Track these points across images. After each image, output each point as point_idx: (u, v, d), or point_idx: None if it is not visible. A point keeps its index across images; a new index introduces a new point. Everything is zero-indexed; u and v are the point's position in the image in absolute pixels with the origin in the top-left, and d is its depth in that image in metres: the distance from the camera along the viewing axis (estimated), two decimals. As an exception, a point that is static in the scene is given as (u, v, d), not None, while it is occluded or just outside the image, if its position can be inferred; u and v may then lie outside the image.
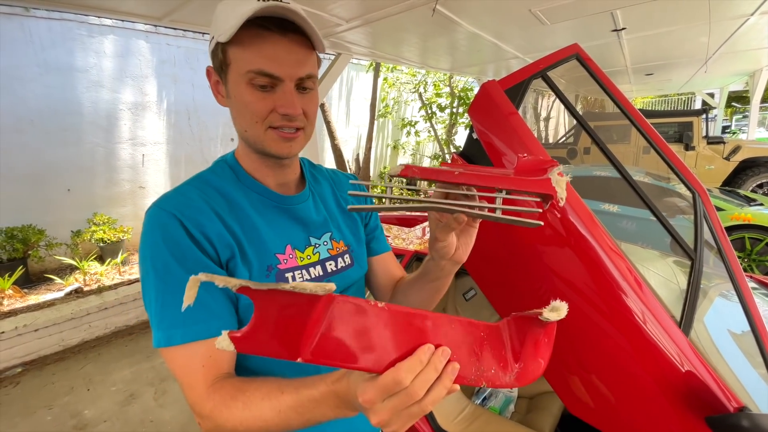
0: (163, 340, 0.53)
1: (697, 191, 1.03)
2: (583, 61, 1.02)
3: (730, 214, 3.79)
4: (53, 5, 1.97)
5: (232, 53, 0.57)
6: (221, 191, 0.63)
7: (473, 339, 0.42)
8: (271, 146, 0.61)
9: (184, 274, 0.54)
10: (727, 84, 8.73)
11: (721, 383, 0.85)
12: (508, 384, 0.41)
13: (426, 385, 0.38)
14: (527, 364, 0.42)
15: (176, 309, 0.53)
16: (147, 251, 0.56)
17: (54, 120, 4.48)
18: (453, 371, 0.39)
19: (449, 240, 0.59)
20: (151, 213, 0.57)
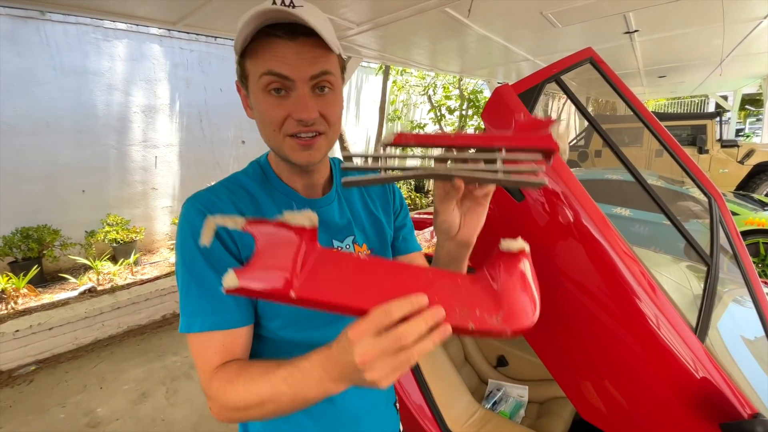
0: (184, 326, 0.58)
1: (713, 196, 1.01)
2: (597, 65, 1.02)
3: (744, 218, 3.73)
4: (72, 10, 2.02)
5: (248, 65, 0.59)
6: (250, 192, 0.65)
7: (456, 286, 0.43)
8: (291, 155, 0.61)
9: (207, 267, 0.58)
10: (741, 87, 8.59)
11: (735, 389, 0.84)
12: (498, 326, 0.40)
13: (415, 333, 0.38)
14: (512, 305, 0.41)
15: (198, 298, 0.58)
16: (179, 242, 0.60)
17: (69, 122, 4.58)
18: (444, 331, 0.40)
19: (451, 214, 0.55)
20: (186, 207, 0.61)
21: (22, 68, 4.22)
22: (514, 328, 0.40)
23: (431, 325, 0.39)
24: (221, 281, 0.51)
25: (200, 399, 2.53)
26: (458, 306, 0.41)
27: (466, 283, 0.44)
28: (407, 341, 0.38)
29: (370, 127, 8.44)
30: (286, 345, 0.65)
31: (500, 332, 0.41)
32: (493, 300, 0.42)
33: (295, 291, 0.41)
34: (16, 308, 3.49)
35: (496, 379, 1.93)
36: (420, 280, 0.43)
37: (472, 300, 0.42)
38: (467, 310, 0.41)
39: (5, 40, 4.11)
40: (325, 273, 0.43)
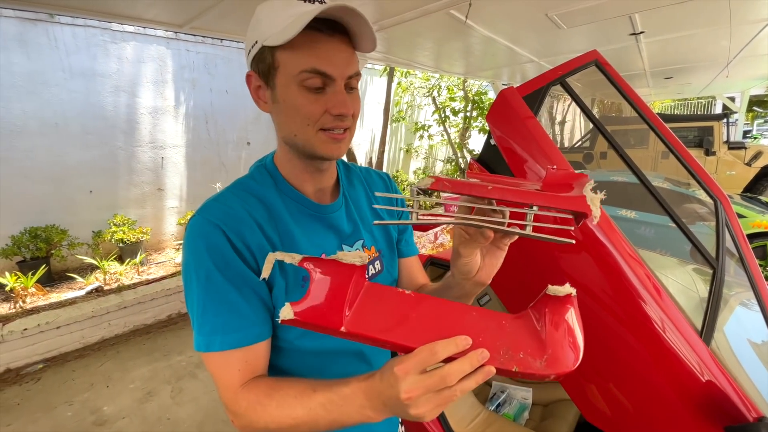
0: (203, 346, 0.56)
1: (719, 198, 1.01)
2: (602, 68, 1.02)
3: (751, 221, 3.69)
4: (81, 13, 2.05)
5: (282, 56, 0.56)
6: (262, 199, 0.64)
7: (501, 327, 0.44)
8: (322, 148, 0.61)
9: (226, 283, 0.56)
10: (748, 88, 8.50)
11: (741, 393, 0.84)
12: (541, 369, 0.41)
13: (459, 374, 0.40)
14: (556, 349, 0.41)
15: (216, 316, 0.56)
16: (191, 258, 0.57)
17: (77, 123, 4.63)
18: (488, 372, 0.41)
19: (473, 258, 0.56)
20: (195, 222, 0.59)
21: (31, 70, 4.27)
22: (558, 372, 0.41)
23: (475, 366, 0.41)
24: (243, 296, 0.57)
25: (205, 398, 2.55)
26: (503, 348, 0.42)
27: (511, 325, 0.44)
28: (451, 381, 0.40)
29: (375, 128, 8.45)
30: (302, 355, 0.65)
31: (543, 376, 0.41)
32: (538, 343, 0.42)
33: (345, 326, 0.44)
34: (25, 307, 3.53)
35: (500, 381, 1.93)
36: (465, 319, 0.44)
37: (517, 342, 0.42)
38: (512, 353, 0.42)
39: (15, 43, 4.17)
40: (373, 308, 0.45)
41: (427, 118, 9.24)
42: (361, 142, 8.37)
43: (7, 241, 4.10)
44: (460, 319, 0.44)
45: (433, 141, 9.13)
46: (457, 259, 0.57)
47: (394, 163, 9.20)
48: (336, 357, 0.68)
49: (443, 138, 9.04)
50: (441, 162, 9.96)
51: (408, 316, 0.44)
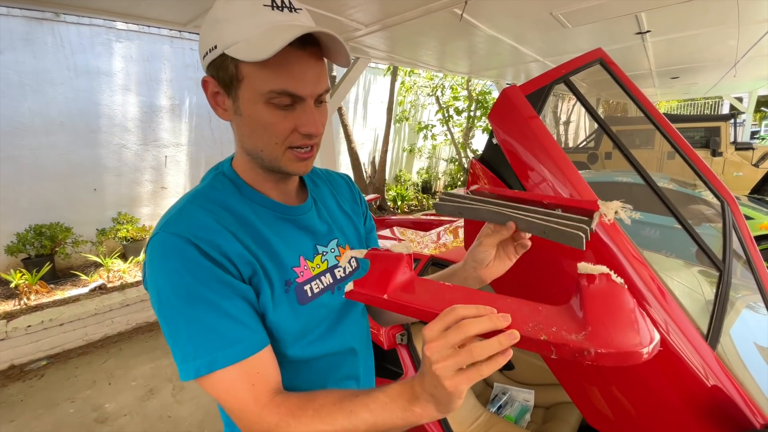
0: (204, 367, 0.50)
1: (726, 200, 0.99)
2: (607, 66, 1.00)
3: (758, 223, 3.65)
4: (86, 12, 2.05)
5: (248, 70, 0.52)
6: (228, 208, 0.59)
7: (536, 310, 0.42)
8: (289, 166, 0.59)
9: (213, 296, 0.52)
10: (756, 88, 8.42)
11: (747, 398, 0.82)
12: (576, 342, 0.37)
13: (479, 326, 0.40)
14: (597, 327, 0.38)
15: (211, 333, 0.51)
16: (164, 280, 0.52)
17: (82, 122, 4.65)
18: (510, 337, 0.39)
19: (490, 250, 0.62)
20: (161, 240, 0.53)
21: (37, 69, 4.30)
22: (600, 349, 0.36)
23: (497, 325, 0.40)
24: (235, 306, 0.54)
25: (206, 397, 2.55)
26: (533, 322, 0.40)
27: (547, 310, 0.42)
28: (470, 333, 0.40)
29: (378, 128, 8.45)
30: (295, 364, 0.63)
31: (580, 349, 0.36)
32: (578, 323, 0.39)
33: (388, 294, 0.49)
34: (29, 304, 3.55)
35: (501, 383, 1.92)
36: (497, 300, 0.44)
37: (553, 321, 0.40)
38: (542, 327, 0.39)
39: (21, 42, 4.20)
40: (414, 288, 0.51)
41: (431, 117, 9.23)
42: (365, 141, 8.37)
43: (13, 239, 4.14)
44: (493, 300, 0.45)
45: (436, 141, 9.11)
46: (478, 246, 0.63)
47: (397, 163, 9.19)
48: (325, 361, 0.67)
49: (446, 138, 9.02)
50: (444, 162, 9.94)
51: (443, 296, 0.47)
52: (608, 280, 0.43)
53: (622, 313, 0.39)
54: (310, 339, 0.64)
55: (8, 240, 4.15)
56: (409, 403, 0.45)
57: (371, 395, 0.48)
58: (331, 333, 0.67)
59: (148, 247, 0.54)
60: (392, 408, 0.46)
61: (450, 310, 0.42)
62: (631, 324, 0.38)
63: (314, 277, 0.64)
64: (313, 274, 0.65)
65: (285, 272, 0.61)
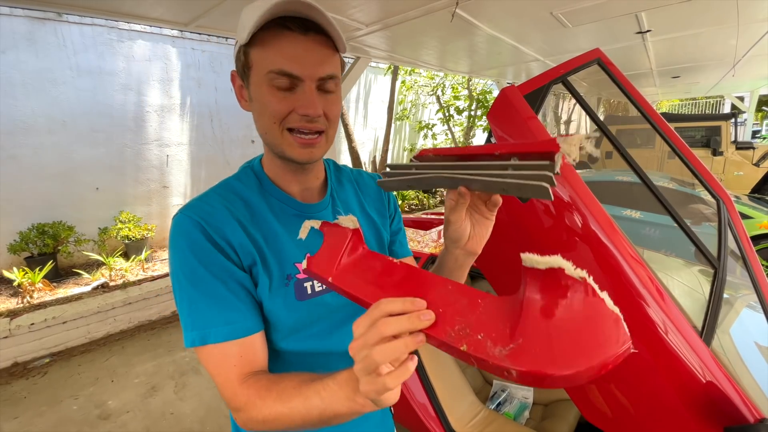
0: (198, 340, 0.56)
1: (722, 198, 1.00)
2: (604, 66, 1.01)
3: (759, 222, 3.65)
4: (89, 12, 2.07)
5: (254, 55, 0.57)
6: (245, 199, 0.64)
7: (474, 306, 0.38)
8: (289, 151, 0.60)
9: (212, 278, 0.57)
10: (758, 87, 8.40)
11: (742, 394, 0.83)
12: (497, 358, 0.32)
13: (395, 326, 0.38)
14: (528, 342, 0.32)
15: (208, 309, 0.56)
16: (175, 257, 0.58)
17: (84, 121, 4.67)
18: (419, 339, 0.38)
19: (462, 223, 0.58)
20: (177, 220, 0.59)
21: (39, 68, 4.32)
22: (522, 369, 0.30)
23: (414, 325, 0.38)
24: (230, 290, 0.58)
25: (208, 394, 2.57)
26: (461, 323, 0.36)
27: (487, 305, 0.38)
28: (383, 329, 0.37)
29: (379, 127, 8.45)
30: (288, 356, 0.65)
31: (500, 368, 0.31)
32: (510, 329, 0.33)
33: (332, 278, 0.48)
34: (32, 302, 3.57)
35: (501, 380, 1.93)
36: (438, 289, 0.41)
37: (482, 323, 0.35)
38: (469, 331, 0.35)
39: (24, 41, 4.21)
40: (361, 269, 0.49)
41: (431, 116, 9.23)
42: (365, 141, 8.38)
43: (15, 237, 4.16)
44: (433, 288, 0.42)
45: (437, 140, 9.11)
46: (448, 226, 0.59)
47: (397, 162, 9.19)
48: (320, 359, 0.67)
49: (447, 137, 9.02)
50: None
51: (387, 281, 0.46)
52: (561, 279, 0.34)
53: (565, 325, 0.32)
54: (307, 334, 0.65)
55: (11, 238, 4.17)
56: (353, 392, 0.44)
57: (324, 382, 0.48)
58: (330, 333, 0.67)
59: (171, 226, 0.61)
60: (339, 396, 0.46)
61: (376, 305, 0.40)
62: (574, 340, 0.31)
63: None
64: None
65: (286, 267, 0.63)
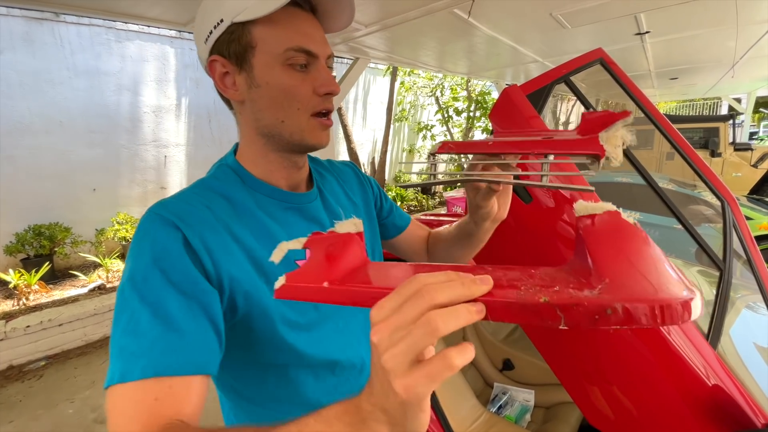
0: (117, 375, 0.41)
1: (727, 200, 1.00)
2: (607, 66, 1.00)
3: (758, 223, 3.66)
4: (86, 12, 2.05)
5: (261, 32, 0.51)
6: (227, 196, 0.56)
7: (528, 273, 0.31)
8: (312, 136, 0.56)
9: (167, 289, 0.44)
10: (755, 89, 8.43)
11: (748, 398, 0.82)
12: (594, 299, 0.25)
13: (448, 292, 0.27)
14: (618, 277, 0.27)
15: (146, 335, 0.42)
16: (131, 260, 0.47)
17: (81, 122, 4.65)
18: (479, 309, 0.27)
19: (491, 205, 0.61)
20: (146, 218, 0.49)
21: (36, 69, 4.29)
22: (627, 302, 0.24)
23: (474, 292, 0.27)
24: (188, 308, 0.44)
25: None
26: (525, 285, 0.28)
27: (543, 270, 0.31)
28: (435, 299, 0.27)
29: (378, 128, 8.44)
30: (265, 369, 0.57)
31: (600, 306, 0.25)
32: (586, 276, 0.28)
33: (328, 281, 0.36)
34: (28, 304, 3.55)
35: (501, 383, 1.92)
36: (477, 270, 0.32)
37: (551, 278, 0.29)
38: (539, 287, 0.28)
39: (21, 41, 4.19)
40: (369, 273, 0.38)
41: (430, 117, 9.23)
42: (364, 141, 8.37)
43: (12, 239, 4.13)
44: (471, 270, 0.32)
45: (436, 141, 9.11)
46: (478, 210, 0.62)
47: (396, 163, 9.20)
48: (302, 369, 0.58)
49: (446, 138, 9.02)
50: (444, 162, 9.94)
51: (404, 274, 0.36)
52: (617, 219, 0.33)
53: (646, 257, 0.28)
54: (321, 335, 0.59)
55: (7, 240, 4.14)
56: (352, 428, 0.31)
57: (300, 424, 0.34)
58: (337, 335, 0.63)
59: (138, 225, 0.51)
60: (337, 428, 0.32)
61: (409, 280, 0.29)
62: (659, 270, 0.27)
63: None
64: None
65: (287, 264, 0.53)
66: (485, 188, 0.58)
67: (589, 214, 0.34)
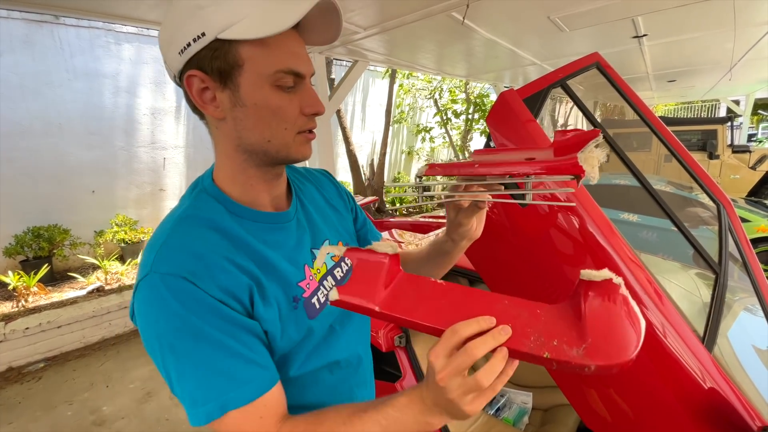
0: (215, 412, 0.47)
1: (722, 202, 1.00)
2: (603, 70, 1.01)
3: (755, 225, 3.67)
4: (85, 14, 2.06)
5: (250, 52, 0.49)
6: (217, 229, 0.54)
7: (535, 315, 0.42)
8: (297, 152, 0.56)
9: (219, 335, 0.48)
10: (753, 91, 8.48)
11: (744, 401, 0.83)
12: (578, 359, 0.37)
13: (483, 348, 0.40)
14: (597, 338, 0.38)
15: (220, 375, 0.48)
16: (164, 325, 0.48)
17: (80, 124, 4.65)
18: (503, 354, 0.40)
19: (472, 222, 0.64)
20: (153, 282, 0.48)
21: (36, 71, 4.30)
22: (599, 363, 0.37)
23: (499, 341, 0.40)
24: (243, 343, 0.50)
25: (204, 400, 2.55)
26: (534, 334, 0.40)
27: (547, 313, 0.42)
28: (475, 354, 0.39)
29: (376, 130, 8.45)
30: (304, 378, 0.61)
31: (581, 366, 0.37)
32: (577, 332, 0.39)
33: (379, 306, 0.46)
34: (27, 306, 3.54)
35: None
36: (496, 305, 0.44)
37: (551, 329, 0.40)
38: (544, 339, 0.40)
39: (20, 44, 4.20)
40: (406, 293, 0.48)
41: (429, 120, 9.25)
42: (363, 143, 8.38)
43: (11, 240, 4.13)
44: (491, 304, 0.44)
45: (434, 143, 9.13)
46: (458, 228, 0.65)
47: (395, 165, 9.21)
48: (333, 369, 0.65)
49: (445, 140, 9.04)
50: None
51: (439, 301, 0.46)
52: (609, 286, 0.42)
53: (620, 323, 0.39)
54: (323, 351, 0.62)
55: (6, 242, 4.13)
56: (421, 415, 0.45)
57: (380, 410, 0.46)
58: (337, 338, 0.65)
59: (139, 289, 0.50)
60: (404, 421, 0.45)
61: (452, 332, 0.41)
62: (626, 334, 0.39)
63: (319, 285, 0.62)
64: (317, 281, 0.62)
65: (291, 289, 0.58)
66: (468, 207, 0.61)
67: (591, 280, 0.42)
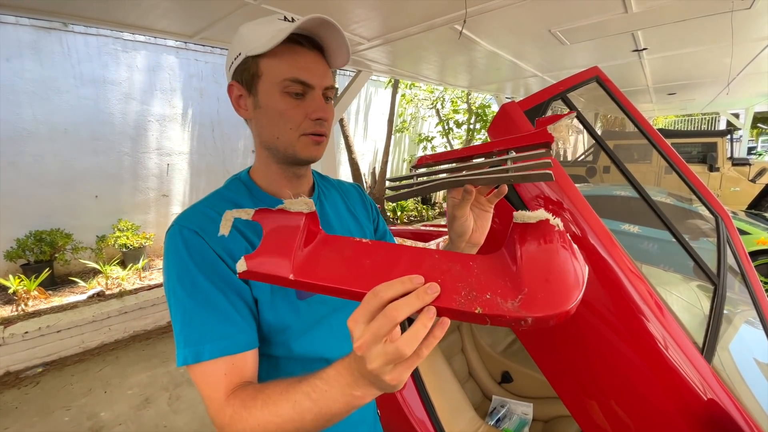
0: (191, 357, 0.53)
1: (720, 215, 1.01)
2: (603, 84, 1.03)
3: (755, 238, 3.66)
4: (94, 23, 2.09)
5: (265, 65, 0.61)
6: (238, 205, 0.65)
7: (467, 268, 0.38)
8: (303, 150, 0.64)
9: (212, 288, 0.56)
10: (753, 104, 8.52)
11: (744, 413, 0.83)
12: (513, 312, 0.34)
13: (405, 309, 0.36)
14: (533, 289, 0.35)
15: (204, 324, 0.54)
16: (173, 267, 0.57)
17: (86, 129, 4.69)
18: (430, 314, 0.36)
19: (467, 218, 0.64)
20: (174, 231, 0.59)
21: (43, 77, 4.35)
22: (537, 315, 0.33)
23: (424, 301, 0.36)
24: (230, 302, 0.56)
25: (202, 407, 2.53)
26: (465, 289, 0.36)
27: (480, 265, 0.39)
28: (395, 317, 0.35)
29: (379, 139, 8.51)
30: (304, 362, 0.65)
31: (517, 319, 0.33)
32: (512, 282, 0.36)
33: (294, 274, 0.42)
34: (26, 310, 3.54)
35: (500, 396, 1.91)
36: (424, 262, 0.40)
37: (484, 283, 0.37)
38: (476, 294, 0.36)
39: (29, 50, 4.26)
40: (327, 257, 0.43)
41: (431, 129, 9.30)
42: (365, 152, 8.42)
43: (12, 244, 4.14)
44: (418, 262, 0.40)
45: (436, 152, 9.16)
46: (454, 222, 0.65)
47: (397, 174, 9.24)
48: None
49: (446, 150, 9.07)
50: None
51: (362, 263, 0.42)
52: (545, 227, 0.39)
53: (558, 270, 0.36)
54: (316, 336, 0.66)
55: (8, 245, 4.14)
56: (348, 387, 0.43)
57: (311, 383, 0.45)
58: (331, 334, 0.68)
59: (165, 239, 0.61)
60: (331, 394, 0.44)
61: (372, 295, 0.37)
62: (565, 280, 0.35)
63: None
64: None
65: None
66: (459, 198, 0.62)
67: (524, 222, 0.40)
